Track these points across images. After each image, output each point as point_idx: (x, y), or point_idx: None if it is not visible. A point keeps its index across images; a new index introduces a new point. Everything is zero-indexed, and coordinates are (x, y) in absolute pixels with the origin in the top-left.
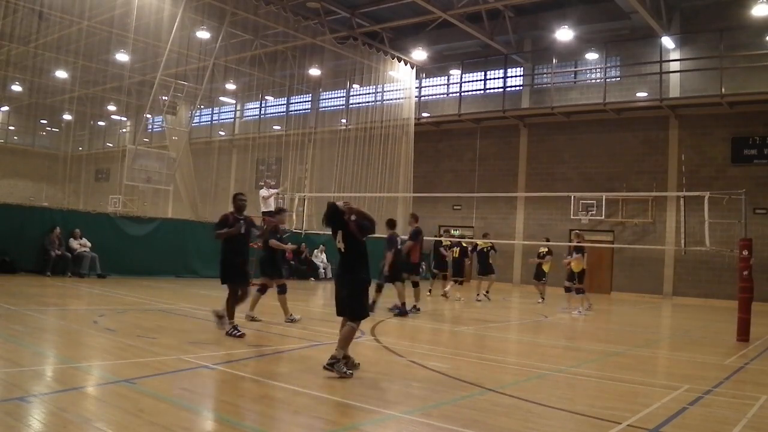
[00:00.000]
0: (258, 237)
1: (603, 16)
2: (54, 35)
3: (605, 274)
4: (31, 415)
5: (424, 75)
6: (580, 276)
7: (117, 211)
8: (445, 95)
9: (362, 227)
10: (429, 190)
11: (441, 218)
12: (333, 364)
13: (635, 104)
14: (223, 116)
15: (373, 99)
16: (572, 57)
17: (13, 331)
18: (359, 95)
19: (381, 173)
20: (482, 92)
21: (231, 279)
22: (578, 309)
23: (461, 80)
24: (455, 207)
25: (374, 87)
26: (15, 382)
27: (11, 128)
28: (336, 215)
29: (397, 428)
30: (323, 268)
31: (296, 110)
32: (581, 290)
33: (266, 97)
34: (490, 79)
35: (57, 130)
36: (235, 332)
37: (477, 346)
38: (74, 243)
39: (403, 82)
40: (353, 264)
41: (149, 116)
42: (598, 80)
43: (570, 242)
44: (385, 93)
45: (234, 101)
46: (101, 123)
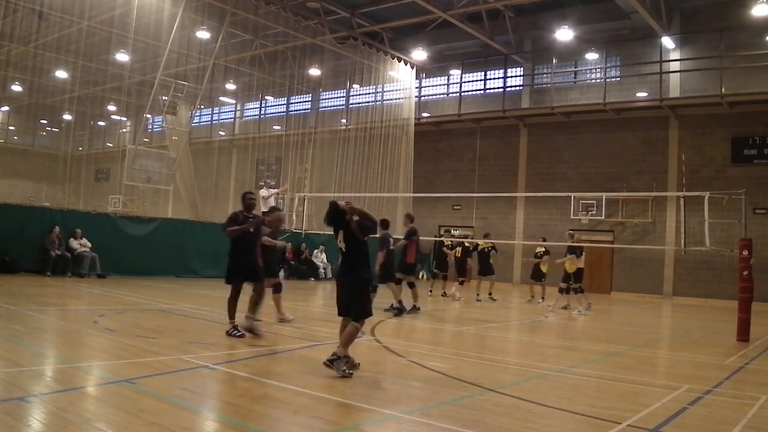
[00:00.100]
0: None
1: (603, 16)
2: (54, 35)
3: (605, 274)
4: (31, 415)
5: (424, 75)
6: (576, 276)
7: (117, 211)
8: (445, 95)
9: (364, 227)
10: (429, 190)
11: (441, 218)
12: (333, 361)
13: (635, 104)
14: (223, 116)
15: (373, 99)
16: (572, 57)
17: (13, 331)
18: (359, 95)
19: (381, 173)
20: (482, 92)
21: (233, 280)
22: (578, 309)
23: (461, 80)
24: (455, 207)
25: (374, 87)
26: (15, 382)
27: (11, 128)
28: (338, 215)
29: (397, 428)
30: (323, 268)
31: (296, 110)
32: (580, 290)
33: (266, 97)
34: (490, 79)
35: (57, 130)
36: (236, 332)
37: (477, 346)
38: (74, 243)
39: (403, 82)
40: (354, 264)
41: (149, 116)
42: (598, 80)
43: (572, 243)
44: (385, 93)
45: (234, 101)
46: (101, 123)
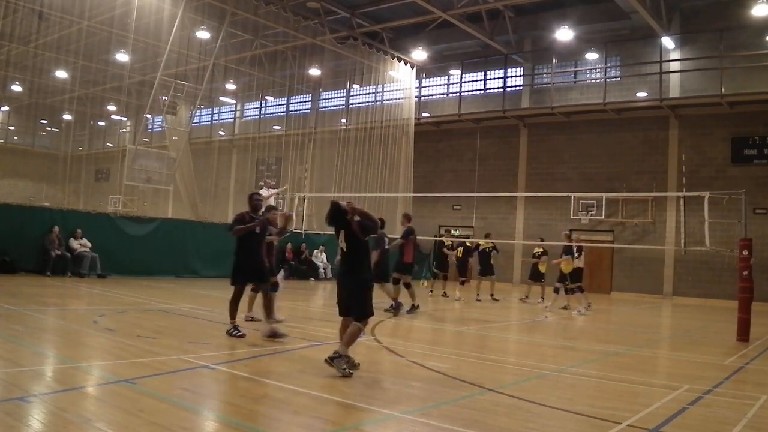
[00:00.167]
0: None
1: (603, 16)
2: (54, 35)
3: (605, 274)
4: (31, 415)
5: (424, 75)
6: (573, 276)
7: (117, 211)
8: (445, 95)
9: (365, 227)
10: (429, 190)
11: (441, 218)
12: (334, 359)
13: (635, 104)
14: (223, 116)
15: (373, 99)
16: (572, 57)
17: (13, 331)
18: (359, 95)
19: (381, 173)
20: (482, 92)
21: (237, 281)
22: (578, 309)
23: (461, 80)
24: (455, 207)
25: (374, 87)
26: (15, 382)
27: (11, 128)
28: (339, 215)
29: (397, 428)
30: (323, 268)
31: (296, 110)
32: (580, 289)
33: (266, 97)
34: (490, 79)
35: (57, 130)
36: (236, 332)
37: (477, 346)
38: (74, 243)
39: (403, 82)
40: (355, 264)
41: (149, 116)
42: (598, 80)
43: (568, 243)
44: (385, 93)
45: (234, 101)
46: (101, 123)
